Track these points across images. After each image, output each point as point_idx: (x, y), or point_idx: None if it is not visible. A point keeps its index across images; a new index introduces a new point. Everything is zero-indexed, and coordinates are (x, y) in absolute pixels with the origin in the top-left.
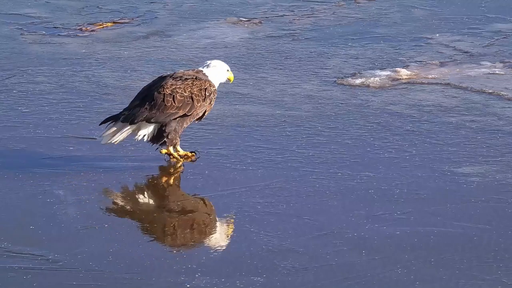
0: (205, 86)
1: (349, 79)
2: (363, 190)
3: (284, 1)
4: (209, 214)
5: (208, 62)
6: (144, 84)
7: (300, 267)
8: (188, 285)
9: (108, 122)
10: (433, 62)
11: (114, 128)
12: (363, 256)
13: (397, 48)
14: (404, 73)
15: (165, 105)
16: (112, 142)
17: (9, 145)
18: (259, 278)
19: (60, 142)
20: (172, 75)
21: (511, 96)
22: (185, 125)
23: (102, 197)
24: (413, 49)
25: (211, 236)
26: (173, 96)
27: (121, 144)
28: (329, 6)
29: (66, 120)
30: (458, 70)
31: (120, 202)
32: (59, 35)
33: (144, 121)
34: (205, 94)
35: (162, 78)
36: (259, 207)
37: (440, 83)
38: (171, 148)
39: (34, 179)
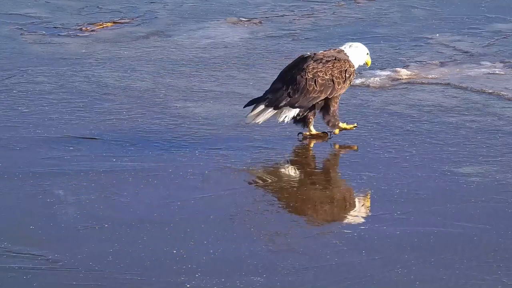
0: (345, 67)
1: None
2: (363, 190)
3: (284, 1)
4: (209, 215)
5: (350, 43)
6: (144, 84)
7: (300, 267)
8: (188, 285)
9: (253, 105)
10: (433, 62)
11: (258, 110)
12: (363, 256)
13: (397, 48)
14: (404, 73)
15: (307, 89)
16: (256, 122)
17: (9, 145)
18: (259, 278)
19: (60, 142)
20: (313, 56)
21: (511, 96)
22: (335, 108)
23: (102, 197)
24: (413, 49)
25: (211, 236)
26: (315, 80)
27: (121, 144)
28: (329, 6)
29: (66, 120)
30: (458, 70)
31: (120, 202)
32: (59, 35)
33: (288, 106)
34: (345, 75)
35: (303, 59)
36: (259, 207)
37: (440, 83)
38: (341, 124)
39: (34, 179)
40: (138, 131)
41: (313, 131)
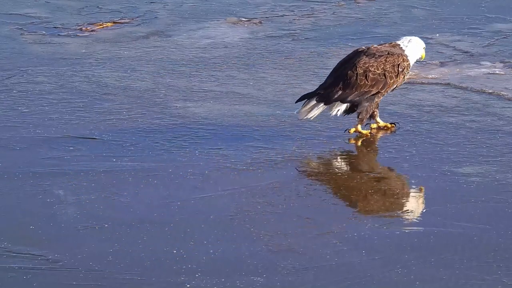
0: (398, 61)
1: None
2: (363, 190)
3: (284, 1)
4: (209, 215)
5: (408, 37)
6: (144, 84)
7: (300, 267)
8: (188, 285)
9: (304, 100)
10: (433, 62)
11: (310, 105)
12: (363, 256)
13: None
14: None
15: (358, 83)
16: (308, 117)
17: (9, 145)
18: (259, 278)
19: (60, 142)
20: (366, 51)
21: (511, 96)
22: (377, 100)
23: (102, 197)
24: None
25: (211, 236)
26: (366, 74)
27: (121, 144)
28: (329, 6)
29: (66, 120)
30: (458, 70)
31: (120, 202)
32: (59, 35)
33: (339, 101)
34: (397, 70)
35: (356, 54)
36: (259, 207)
37: (440, 83)
38: (359, 127)
39: (34, 179)
40: (138, 131)
41: (381, 123)
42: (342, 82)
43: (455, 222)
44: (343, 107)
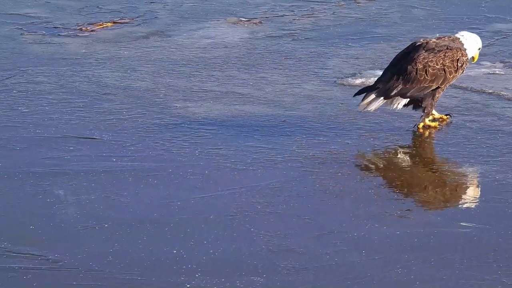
0: (457, 56)
1: (349, 79)
2: (363, 190)
3: (284, 1)
4: (209, 215)
5: (468, 33)
6: (144, 84)
7: (300, 267)
8: (188, 285)
9: (364, 94)
10: None
11: (370, 99)
12: (363, 256)
13: (397, 48)
14: None
15: (418, 79)
16: (368, 110)
17: (9, 145)
18: (259, 278)
19: (60, 142)
20: (425, 45)
21: (511, 96)
22: (438, 95)
23: (102, 197)
24: None
25: (211, 236)
26: (426, 69)
27: (121, 144)
28: (329, 6)
29: (66, 120)
30: None
31: (120, 202)
32: (59, 35)
33: (399, 96)
34: (457, 65)
35: (415, 48)
36: (259, 207)
37: None
38: (427, 120)
39: (34, 179)
40: (138, 131)
41: (436, 115)
42: (402, 77)
43: (455, 222)
44: (403, 101)
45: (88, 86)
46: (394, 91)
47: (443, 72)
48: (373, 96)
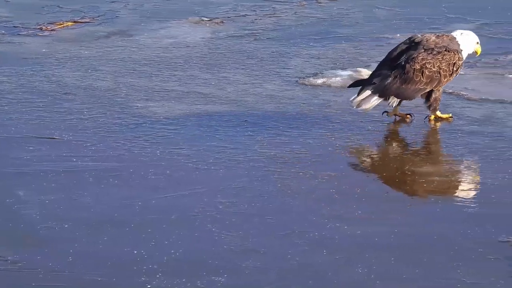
0: (453, 60)
1: (311, 79)
2: (325, 190)
3: (246, 1)
4: (171, 215)
5: (461, 30)
6: (105, 84)
7: (262, 267)
8: (149, 286)
9: (359, 88)
10: None
11: (365, 95)
12: (324, 256)
13: (359, 48)
14: (365, 73)
15: (414, 80)
16: (363, 108)
17: None
18: (220, 278)
19: (20, 142)
20: (425, 44)
21: (471, 96)
22: (437, 96)
23: (62, 197)
24: (375, 49)
25: (172, 236)
26: (422, 71)
27: (82, 144)
28: (290, 6)
29: (26, 120)
30: None
31: (80, 202)
32: (19, 34)
33: (394, 96)
34: (452, 69)
35: (414, 44)
36: (221, 207)
37: None
38: (438, 113)
39: None
40: (99, 130)
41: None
42: (399, 75)
43: (416, 221)
44: (398, 100)
45: (48, 86)
46: (390, 90)
47: (438, 75)
48: (368, 92)
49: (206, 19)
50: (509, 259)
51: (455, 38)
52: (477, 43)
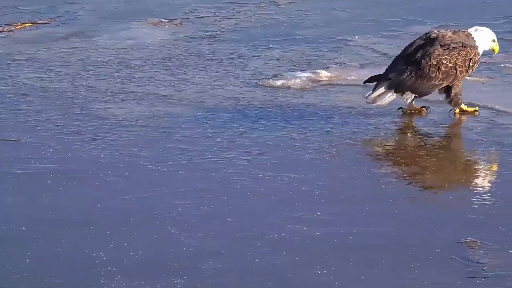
0: (470, 56)
1: (270, 80)
2: (284, 191)
3: (205, 2)
4: (130, 217)
5: (477, 27)
6: (63, 85)
7: (222, 268)
8: None
9: (374, 83)
10: (353, 64)
11: (380, 91)
12: (284, 257)
13: (318, 50)
14: (324, 74)
15: (430, 75)
16: (379, 104)
17: None
18: (179, 280)
19: None
20: (441, 40)
21: (428, 97)
22: (457, 91)
23: (20, 200)
24: (333, 51)
25: (131, 238)
26: (438, 67)
27: (40, 146)
28: (250, 8)
29: None
30: (377, 71)
31: (38, 204)
32: None
33: (409, 91)
34: (468, 64)
35: (430, 40)
36: (180, 208)
37: (360, 85)
38: (462, 106)
39: None
40: (57, 132)
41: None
42: (415, 71)
43: (374, 222)
44: (413, 95)
45: (5, 87)
46: (405, 86)
47: (454, 70)
48: (383, 89)
49: (165, 20)
50: (466, 259)
51: (471, 34)
52: (494, 40)
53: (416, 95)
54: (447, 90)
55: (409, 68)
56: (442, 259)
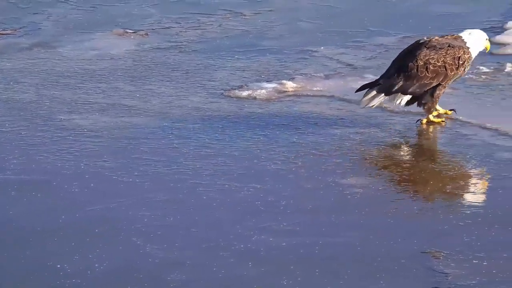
0: (458, 54)
1: (236, 91)
2: (250, 202)
3: (171, 13)
4: (94, 228)
5: (470, 30)
6: (28, 96)
7: (187, 279)
8: None
9: (366, 90)
10: (318, 74)
11: (371, 95)
12: (249, 268)
13: (283, 60)
14: (290, 85)
15: (419, 75)
16: (370, 106)
17: None
18: None
19: None
20: (427, 43)
21: (393, 108)
22: (439, 92)
23: None
24: (299, 61)
25: (96, 250)
26: (427, 66)
27: (4, 157)
28: (215, 19)
29: None
30: (342, 82)
31: (2, 216)
32: None
33: (400, 93)
34: (458, 62)
35: (418, 45)
36: (145, 219)
37: (325, 96)
38: (430, 116)
39: None
40: (21, 143)
41: (441, 110)
42: (403, 73)
43: (340, 233)
44: (406, 98)
45: None
46: (395, 88)
47: (444, 69)
48: (374, 92)
49: (130, 31)
50: (429, 269)
51: (460, 36)
52: (486, 39)
53: (408, 95)
54: (431, 90)
55: (397, 72)
56: (407, 270)
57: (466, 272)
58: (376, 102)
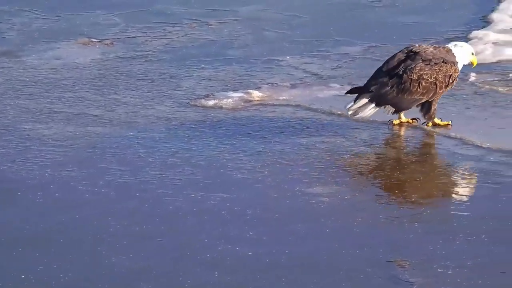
0: (450, 72)
1: (202, 100)
2: (217, 211)
3: (136, 22)
4: (59, 239)
5: (456, 42)
6: None
7: None
8: None
9: (355, 96)
10: (284, 84)
11: (362, 103)
12: (216, 277)
13: (249, 70)
14: (256, 94)
15: (411, 90)
16: (360, 116)
17: None
18: None
19: None
20: (423, 55)
21: (362, 115)
22: (435, 105)
23: None
24: (265, 71)
25: (61, 260)
26: (419, 82)
27: None
28: (181, 28)
29: None
30: (308, 92)
31: None
32: None
33: (389, 105)
34: (448, 80)
35: (412, 54)
36: (111, 229)
37: (291, 105)
38: (436, 120)
39: None
40: None
41: (403, 119)
42: (396, 85)
43: (306, 242)
44: (394, 109)
45: None
46: (386, 99)
47: (435, 86)
48: (365, 100)
49: (95, 40)
50: (395, 278)
51: (451, 50)
52: (472, 54)
53: (396, 109)
54: (424, 105)
55: (390, 81)
56: (373, 278)
57: (431, 281)
58: (367, 113)
